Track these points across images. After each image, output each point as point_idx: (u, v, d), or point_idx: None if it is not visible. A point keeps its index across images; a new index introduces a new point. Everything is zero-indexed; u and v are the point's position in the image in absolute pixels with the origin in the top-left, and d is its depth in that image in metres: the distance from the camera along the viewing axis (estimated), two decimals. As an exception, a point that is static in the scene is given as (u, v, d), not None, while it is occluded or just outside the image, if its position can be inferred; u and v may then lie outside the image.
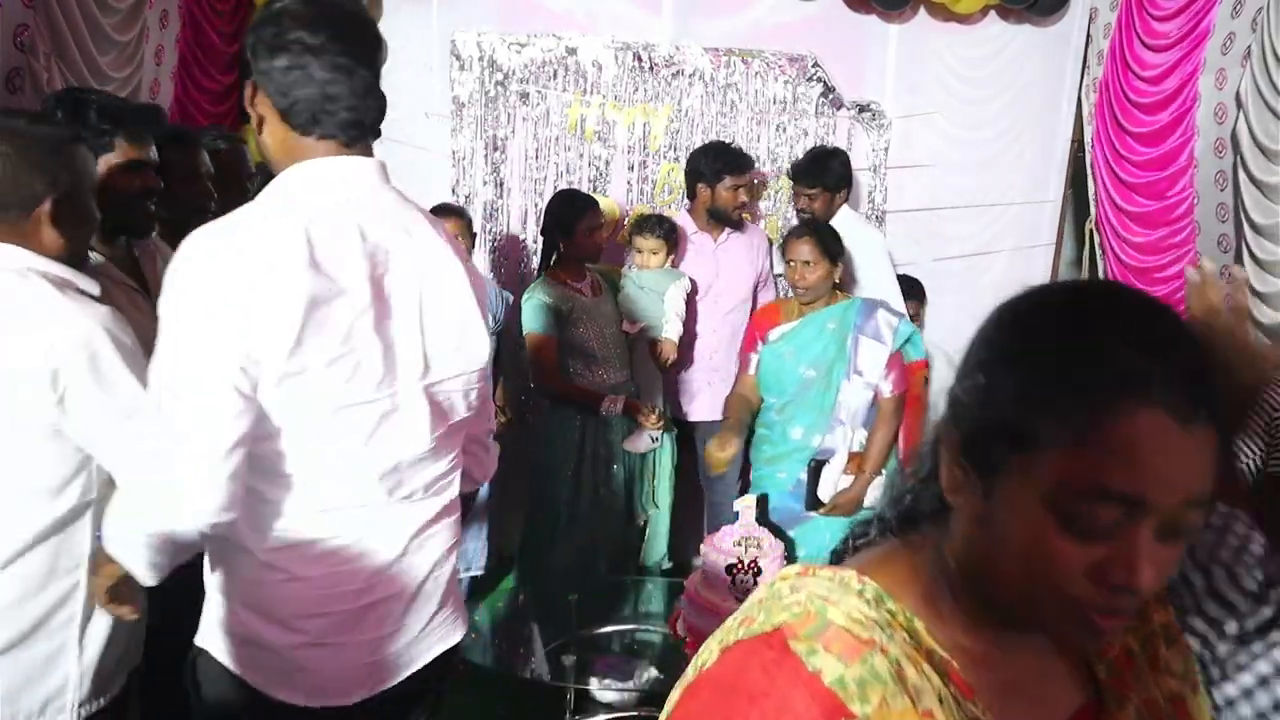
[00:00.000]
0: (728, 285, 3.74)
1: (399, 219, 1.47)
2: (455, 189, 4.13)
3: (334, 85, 1.39)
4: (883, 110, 4.29)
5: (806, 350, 3.12)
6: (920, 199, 4.41)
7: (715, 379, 3.75)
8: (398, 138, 4.03)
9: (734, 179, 3.63)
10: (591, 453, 3.44)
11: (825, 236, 3.05)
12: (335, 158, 1.43)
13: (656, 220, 3.56)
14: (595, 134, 4.17)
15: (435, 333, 1.49)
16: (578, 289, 3.43)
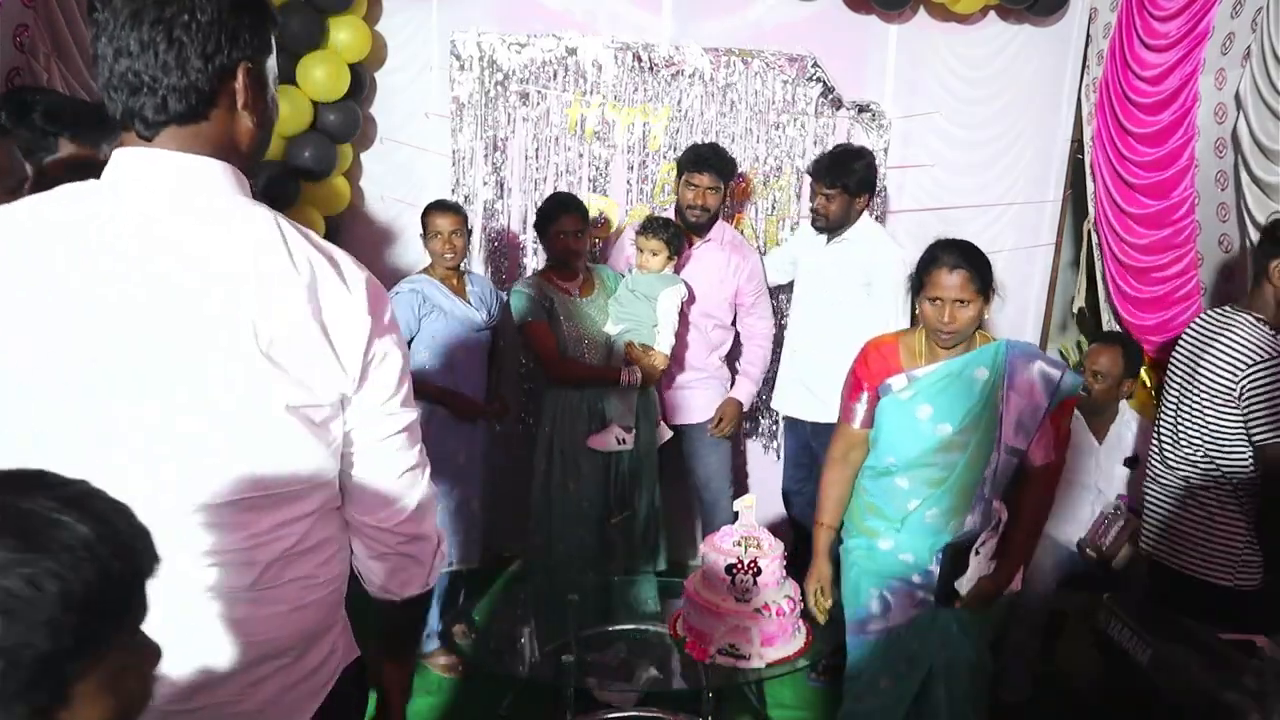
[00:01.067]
0: (695, 293, 3.67)
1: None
2: (455, 189, 4.15)
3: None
4: (882, 110, 4.28)
5: (949, 406, 2.48)
6: (920, 199, 4.41)
7: (669, 383, 3.73)
8: (398, 138, 4.12)
9: (689, 175, 3.57)
10: (559, 450, 3.46)
11: (980, 265, 2.43)
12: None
13: (662, 223, 3.54)
14: (595, 134, 4.17)
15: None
16: (564, 287, 3.47)
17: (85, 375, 1.17)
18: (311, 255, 1.28)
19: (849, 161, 3.51)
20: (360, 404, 1.34)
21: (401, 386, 1.38)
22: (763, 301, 3.77)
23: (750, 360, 3.80)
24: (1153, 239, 3.62)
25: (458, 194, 4.13)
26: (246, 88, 1.26)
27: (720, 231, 3.74)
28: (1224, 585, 2.71)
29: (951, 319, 2.41)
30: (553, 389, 3.51)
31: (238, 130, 1.28)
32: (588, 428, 3.45)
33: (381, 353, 1.33)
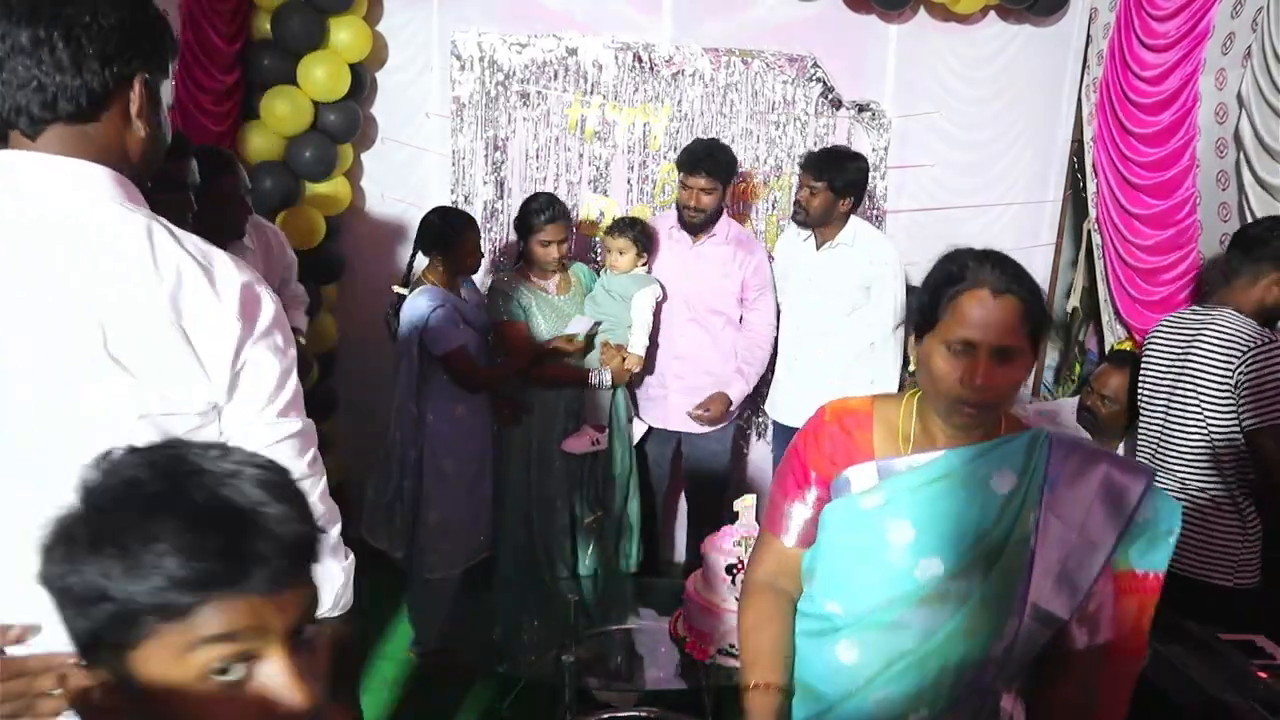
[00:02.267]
0: (699, 290, 3.66)
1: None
2: (455, 189, 4.14)
3: None
4: (882, 110, 4.28)
5: (944, 528, 1.53)
6: (920, 199, 4.40)
7: (681, 385, 3.73)
8: (397, 138, 4.12)
9: (684, 177, 3.55)
10: (536, 451, 3.47)
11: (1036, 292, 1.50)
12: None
13: (628, 221, 3.56)
14: (595, 134, 4.16)
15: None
16: (541, 286, 3.49)
17: None
18: (181, 262, 1.23)
19: (842, 160, 3.47)
20: (234, 413, 1.28)
21: (280, 395, 1.31)
22: (766, 298, 3.73)
23: (747, 360, 3.74)
24: (1158, 239, 3.60)
25: (458, 194, 4.13)
26: (142, 98, 1.26)
27: (726, 227, 3.70)
28: (1223, 586, 2.69)
29: (987, 379, 1.45)
30: (528, 390, 3.50)
31: (129, 138, 1.27)
32: (563, 428, 3.46)
33: (253, 359, 1.27)
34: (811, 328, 3.62)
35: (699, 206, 3.55)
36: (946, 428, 1.55)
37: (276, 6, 3.70)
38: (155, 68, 1.28)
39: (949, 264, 1.53)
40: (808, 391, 3.60)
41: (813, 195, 3.47)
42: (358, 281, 4.12)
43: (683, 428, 3.77)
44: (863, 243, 3.55)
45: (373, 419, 3.83)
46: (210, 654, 0.80)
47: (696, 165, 3.51)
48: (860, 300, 3.51)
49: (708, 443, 3.79)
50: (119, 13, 1.21)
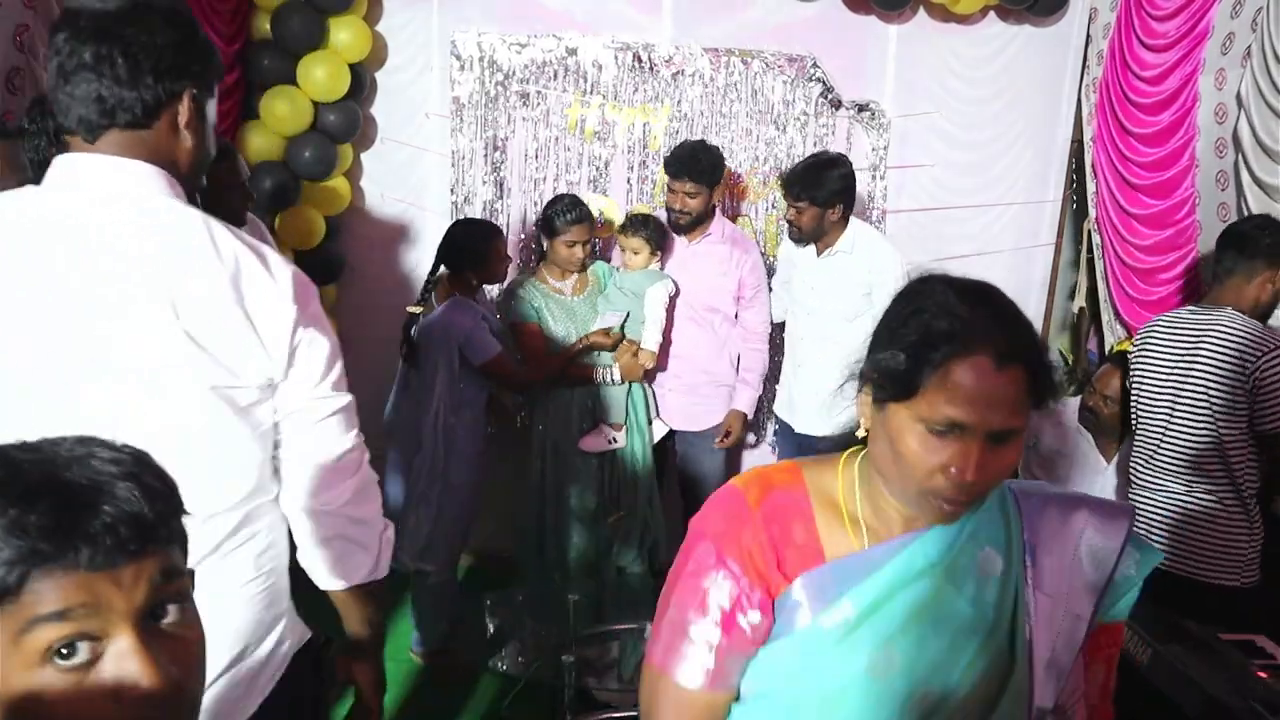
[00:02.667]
0: (696, 289, 3.65)
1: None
2: (455, 189, 4.14)
3: None
4: (882, 110, 4.27)
5: (935, 644, 1.17)
6: (919, 199, 4.39)
7: (679, 384, 3.72)
8: (397, 138, 4.12)
9: (669, 180, 3.55)
10: (552, 449, 3.46)
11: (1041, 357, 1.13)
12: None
13: (641, 220, 3.55)
14: (595, 134, 4.16)
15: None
16: (557, 287, 3.49)
17: (26, 361, 1.26)
18: (238, 250, 1.35)
19: (820, 171, 3.40)
20: (290, 388, 1.40)
21: (331, 370, 1.44)
22: (761, 297, 3.72)
23: (748, 366, 3.73)
24: (1157, 239, 3.60)
25: (457, 194, 4.13)
26: (190, 111, 1.38)
27: (720, 226, 3.70)
28: (1230, 585, 2.67)
29: (980, 472, 1.09)
30: (546, 389, 3.50)
31: (178, 148, 1.38)
32: (580, 427, 3.45)
33: (308, 339, 1.40)
34: (814, 333, 3.61)
35: (684, 209, 3.54)
36: (910, 515, 1.18)
37: (276, 6, 3.70)
38: (202, 85, 1.40)
39: (933, 316, 1.10)
40: (813, 397, 3.62)
41: (799, 214, 3.45)
42: (357, 282, 4.11)
43: (680, 426, 3.76)
44: (863, 249, 3.51)
45: (372, 420, 3.79)
46: (45, 634, 0.76)
47: (680, 169, 3.51)
48: (862, 307, 3.45)
49: (703, 440, 3.78)
50: (172, 34, 1.34)
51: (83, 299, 1.28)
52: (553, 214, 3.42)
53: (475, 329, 3.22)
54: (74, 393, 1.28)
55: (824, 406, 3.41)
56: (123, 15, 1.31)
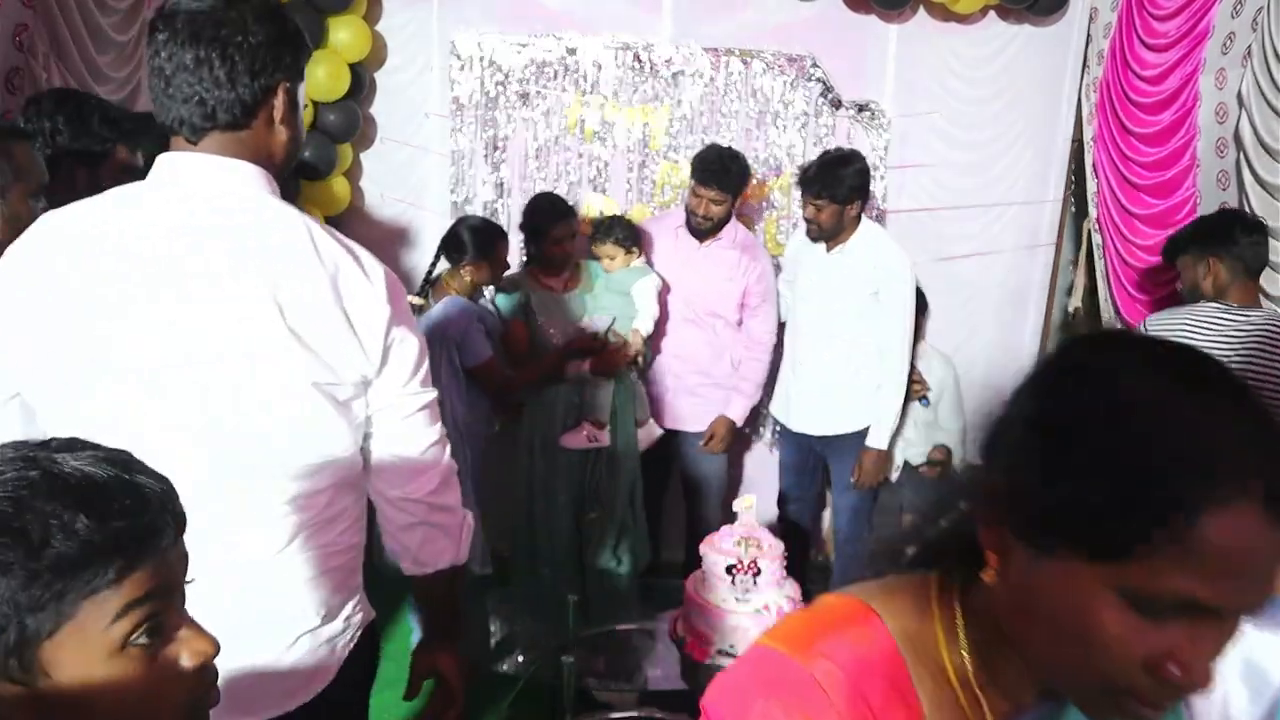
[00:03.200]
0: (701, 292, 3.65)
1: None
2: (455, 189, 4.13)
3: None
4: (882, 110, 4.25)
5: None
6: (919, 199, 4.37)
7: (678, 385, 3.73)
8: (397, 138, 4.11)
9: (695, 186, 3.54)
10: (539, 445, 3.46)
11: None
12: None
13: (607, 226, 3.55)
14: (595, 134, 4.15)
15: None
16: (547, 284, 3.50)
17: (136, 348, 1.31)
18: (335, 250, 1.40)
19: (837, 168, 3.35)
20: (382, 385, 1.46)
21: (420, 368, 1.50)
22: (767, 306, 3.69)
23: (746, 375, 3.71)
24: (1158, 238, 3.58)
25: (457, 194, 4.12)
26: (284, 105, 1.42)
27: (732, 231, 3.68)
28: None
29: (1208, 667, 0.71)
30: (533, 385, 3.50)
31: (274, 141, 1.42)
32: (564, 423, 3.44)
33: (400, 338, 1.45)
34: (818, 331, 3.58)
35: (707, 215, 3.55)
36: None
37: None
38: (294, 74, 1.43)
39: (1155, 429, 0.69)
40: (811, 396, 3.61)
41: (819, 212, 3.40)
42: None
43: (677, 427, 3.75)
44: (874, 248, 3.48)
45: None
46: (130, 621, 0.80)
47: (709, 178, 3.50)
48: (868, 305, 3.45)
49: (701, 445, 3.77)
50: (265, 30, 1.37)
51: (189, 293, 1.32)
52: (535, 216, 3.43)
53: (470, 329, 3.21)
54: (182, 378, 1.32)
55: (825, 404, 3.54)
56: (217, 15, 1.34)
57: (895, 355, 3.47)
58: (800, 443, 3.72)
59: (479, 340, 3.23)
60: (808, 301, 3.61)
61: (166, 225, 1.33)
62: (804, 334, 3.63)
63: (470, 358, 3.22)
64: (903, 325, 3.46)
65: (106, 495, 0.79)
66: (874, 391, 3.50)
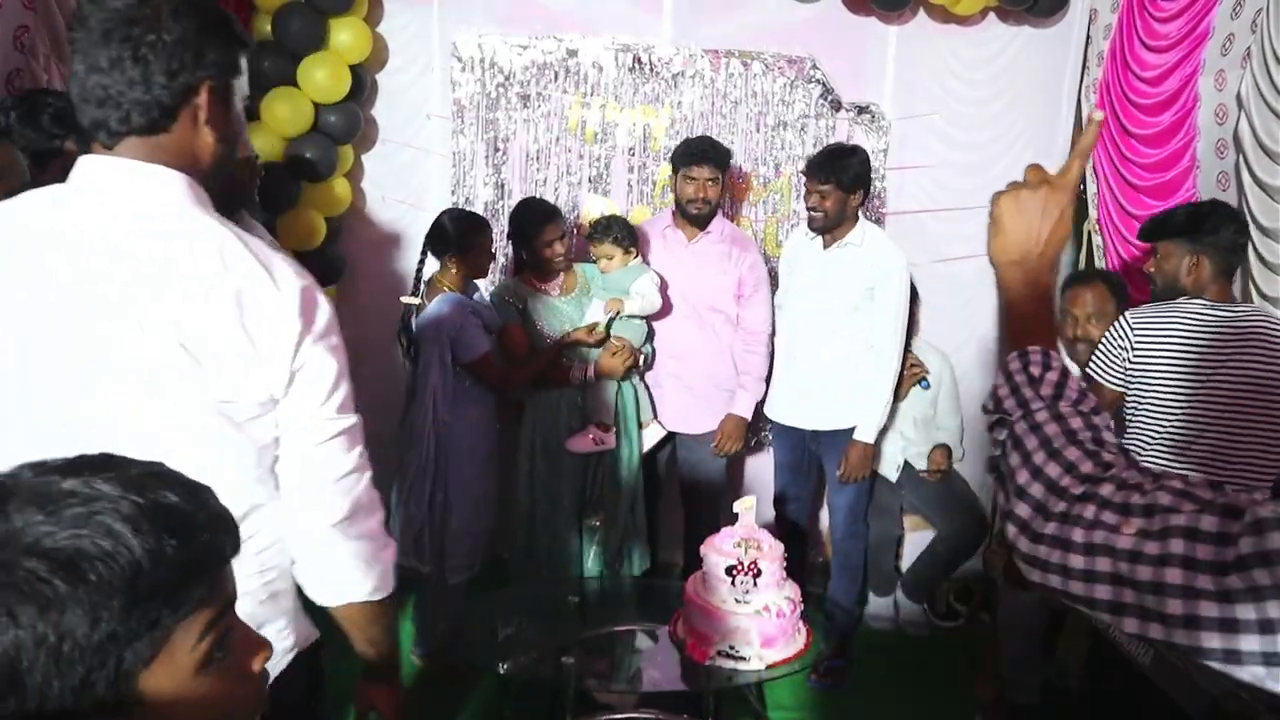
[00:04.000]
0: (696, 288, 3.65)
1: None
2: (456, 190, 4.13)
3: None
4: (881, 111, 4.26)
5: None
6: (919, 200, 4.37)
7: (677, 384, 3.70)
8: (399, 139, 4.12)
9: (687, 170, 3.54)
10: (541, 448, 3.45)
11: None
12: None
13: (604, 225, 3.53)
14: (596, 135, 4.15)
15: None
16: (541, 288, 3.49)
17: (31, 361, 1.26)
18: (246, 263, 1.31)
19: (843, 157, 3.43)
20: (292, 406, 1.36)
21: (337, 391, 1.40)
22: (761, 295, 3.68)
23: (747, 369, 3.70)
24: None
25: (458, 196, 4.12)
26: (209, 105, 1.33)
27: (720, 225, 3.70)
28: None
29: None
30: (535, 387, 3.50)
31: (199, 144, 1.34)
32: (568, 426, 3.44)
33: (313, 358, 1.36)
34: (813, 326, 3.58)
35: (705, 198, 3.55)
36: None
37: (277, 8, 3.69)
38: (222, 71, 1.34)
39: None
40: (805, 392, 3.62)
41: (824, 198, 3.43)
42: (358, 283, 4.11)
43: (678, 428, 3.74)
44: (870, 244, 3.52)
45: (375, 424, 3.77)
46: (213, 638, 0.81)
47: (702, 156, 3.53)
48: (863, 302, 3.48)
49: (703, 445, 3.76)
50: (183, 25, 1.28)
51: (85, 301, 1.26)
52: (526, 219, 3.41)
53: (465, 325, 3.18)
54: (78, 392, 1.27)
55: (819, 400, 3.56)
56: (130, 13, 1.26)
57: (887, 350, 3.51)
58: (794, 440, 3.72)
59: (474, 335, 3.20)
60: (804, 297, 3.61)
61: (76, 235, 1.28)
62: (800, 330, 3.63)
63: (466, 352, 3.19)
64: (896, 321, 3.50)
65: (187, 518, 0.80)
66: (863, 390, 3.53)
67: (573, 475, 3.45)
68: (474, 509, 3.34)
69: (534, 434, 3.47)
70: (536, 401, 3.48)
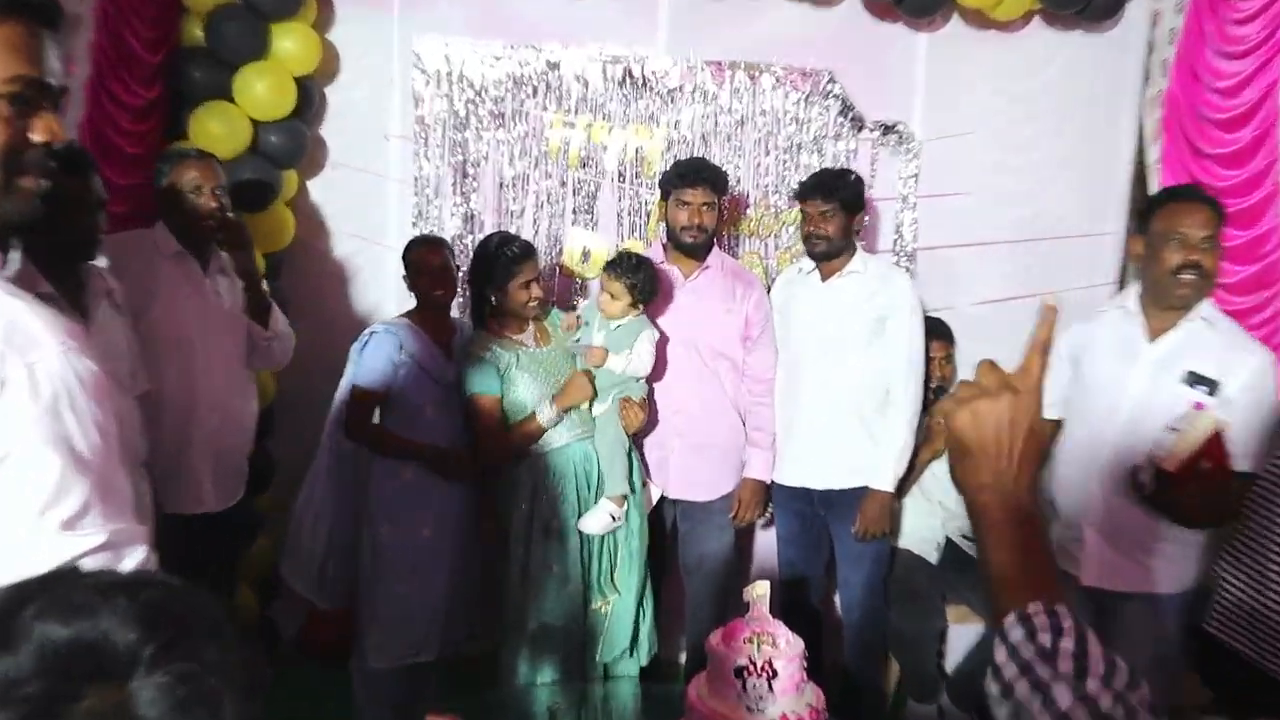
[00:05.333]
0: (700, 333, 3.55)
1: None
2: (418, 222, 3.96)
3: None
4: (911, 132, 4.12)
5: None
6: (954, 234, 4.20)
7: (683, 444, 3.58)
8: (352, 163, 3.98)
9: (679, 193, 3.47)
10: (543, 525, 3.29)
11: None
12: None
13: (634, 264, 3.36)
14: (581, 159, 4.01)
15: None
16: (519, 340, 3.35)
17: None
18: None
19: (836, 178, 3.50)
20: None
21: (63, 499, 1.14)
22: (767, 337, 3.63)
23: (760, 423, 3.62)
24: (1243, 275, 3.47)
25: (421, 228, 3.94)
26: None
27: (718, 258, 3.63)
28: None
29: None
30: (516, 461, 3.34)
31: None
32: (576, 499, 3.28)
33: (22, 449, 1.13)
34: (817, 368, 3.54)
35: (702, 225, 3.48)
36: None
37: (210, 9, 3.56)
38: None
39: None
40: (811, 446, 3.55)
41: (825, 220, 3.44)
42: (303, 331, 3.88)
43: (684, 495, 3.61)
44: (875, 271, 3.56)
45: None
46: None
47: (696, 177, 3.47)
48: (873, 336, 3.48)
49: (710, 515, 3.62)
50: None
51: None
52: (496, 257, 3.27)
53: (373, 346, 3.19)
54: None
55: (825, 453, 3.52)
56: None
57: (903, 389, 3.50)
58: (799, 505, 3.64)
59: (375, 362, 3.18)
60: (805, 338, 3.57)
61: None
62: (802, 376, 3.57)
63: (357, 376, 3.21)
64: (911, 355, 3.51)
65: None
66: (873, 447, 3.51)
67: (579, 556, 3.31)
68: (394, 584, 3.19)
69: (532, 511, 3.29)
70: (534, 474, 3.30)
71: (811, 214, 3.48)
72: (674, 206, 3.50)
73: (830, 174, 3.56)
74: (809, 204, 3.49)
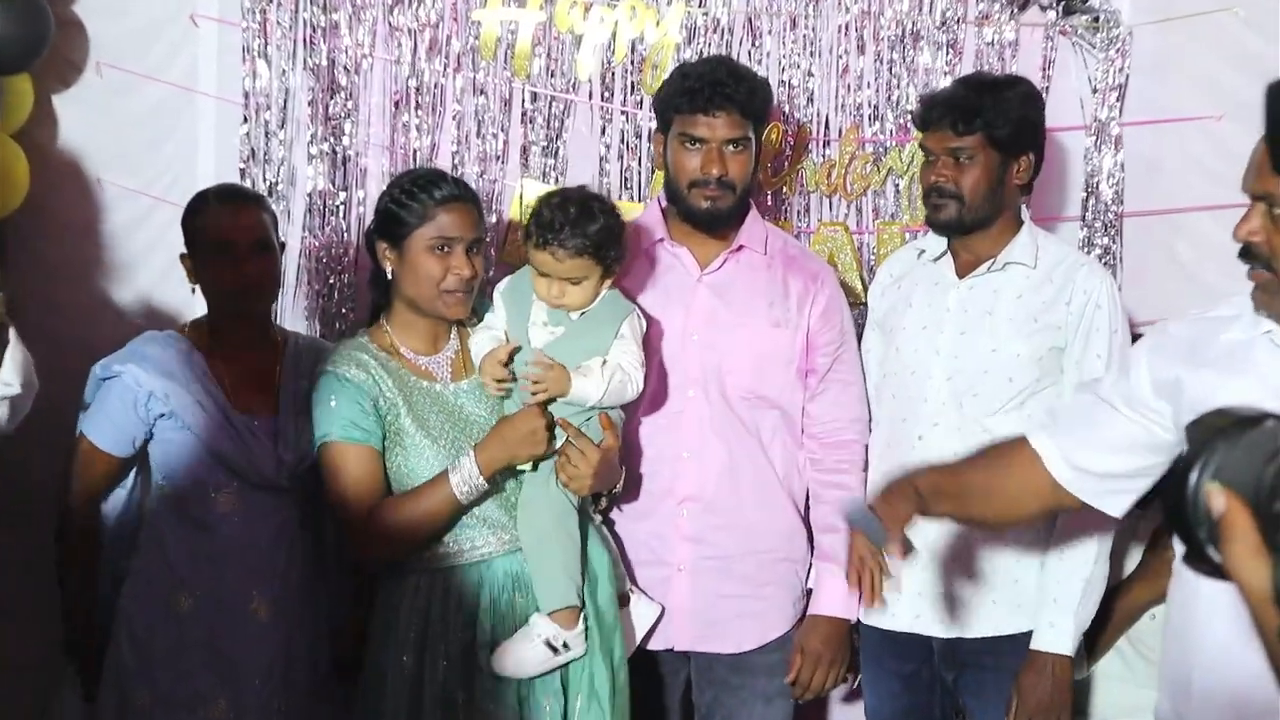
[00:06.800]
0: (725, 360, 2.85)
1: None
2: (248, 167, 3.19)
3: None
4: (1116, 13, 3.23)
5: None
6: (1188, 188, 3.24)
7: (696, 556, 2.84)
8: (131, 66, 3.19)
9: (688, 121, 2.74)
10: (442, 694, 2.64)
11: None
12: None
13: (579, 209, 2.56)
14: (537, 60, 3.24)
15: None
16: (420, 366, 2.67)
17: None
18: None
19: (991, 92, 2.74)
20: None
21: None
22: (847, 367, 2.90)
23: (835, 521, 2.86)
24: None
25: (251, 175, 3.20)
26: None
27: (761, 235, 2.85)
28: None
29: None
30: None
31: None
32: (491, 632, 2.61)
33: None
34: (944, 437, 2.77)
35: (725, 178, 2.71)
36: None
37: None
38: None
39: None
40: (928, 563, 2.83)
41: (961, 168, 2.71)
42: (43, 338, 3.05)
43: (701, 645, 2.87)
44: (1052, 258, 2.80)
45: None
46: None
47: (716, 94, 2.70)
48: (1045, 375, 2.73)
49: (748, 677, 2.86)
50: None
51: None
52: (405, 195, 2.56)
53: (106, 373, 2.61)
54: None
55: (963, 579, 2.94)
56: None
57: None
58: (905, 664, 2.93)
59: (109, 400, 2.60)
60: (925, 369, 2.87)
61: None
62: (916, 438, 2.86)
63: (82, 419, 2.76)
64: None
65: None
66: (1056, 555, 2.84)
67: (505, 698, 2.64)
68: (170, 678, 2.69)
69: (425, 631, 2.63)
70: (405, 611, 2.63)
71: (939, 155, 2.74)
72: (678, 146, 2.75)
73: (974, 84, 2.82)
74: (935, 137, 2.76)
